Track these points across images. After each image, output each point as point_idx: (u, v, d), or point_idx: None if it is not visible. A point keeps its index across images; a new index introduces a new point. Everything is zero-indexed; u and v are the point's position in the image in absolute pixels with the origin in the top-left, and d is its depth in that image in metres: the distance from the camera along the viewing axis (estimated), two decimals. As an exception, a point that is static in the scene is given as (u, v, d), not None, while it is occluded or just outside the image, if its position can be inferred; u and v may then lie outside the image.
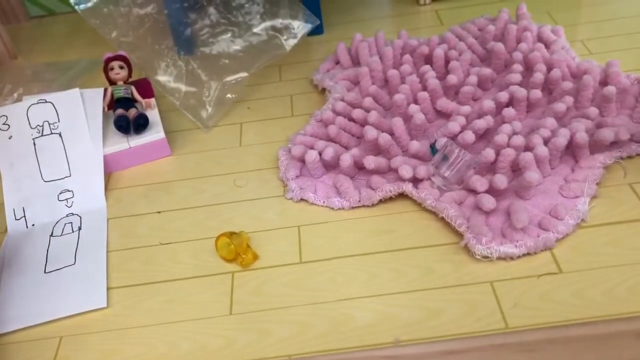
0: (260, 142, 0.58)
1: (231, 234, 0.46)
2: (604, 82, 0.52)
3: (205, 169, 0.56)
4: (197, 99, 0.62)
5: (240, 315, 0.42)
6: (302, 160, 0.52)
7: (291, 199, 0.51)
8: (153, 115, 0.59)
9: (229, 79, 0.62)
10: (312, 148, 0.52)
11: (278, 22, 0.65)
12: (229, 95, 0.62)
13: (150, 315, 0.43)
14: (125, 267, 0.47)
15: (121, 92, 0.59)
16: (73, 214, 0.53)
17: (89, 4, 0.59)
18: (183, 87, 0.62)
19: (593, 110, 0.49)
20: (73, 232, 0.51)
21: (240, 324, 0.42)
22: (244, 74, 0.63)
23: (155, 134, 0.57)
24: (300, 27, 0.65)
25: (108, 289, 0.46)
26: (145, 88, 0.62)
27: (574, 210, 0.43)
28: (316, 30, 0.70)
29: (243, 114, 0.62)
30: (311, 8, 0.67)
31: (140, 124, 0.57)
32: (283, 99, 0.64)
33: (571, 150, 0.47)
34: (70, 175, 0.55)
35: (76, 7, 0.59)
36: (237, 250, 0.46)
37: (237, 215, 0.50)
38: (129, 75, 0.61)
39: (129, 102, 0.59)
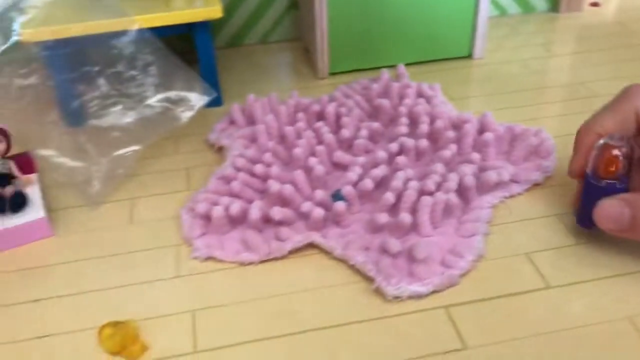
0: (153, 219, 0.54)
1: (116, 323, 0.41)
2: (481, 131, 0.57)
3: (90, 251, 0.51)
4: (84, 174, 0.57)
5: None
6: (206, 218, 0.50)
7: (197, 258, 0.49)
8: (33, 192, 0.54)
9: (120, 152, 0.59)
10: (216, 204, 0.50)
11: (173, 94, 0.63)
12: (119, 170, 0.58)
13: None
14: (-6, 367, 0.41)
15: (-2, 167, 0.54)
16: None
17: (-37, 77, 0.55)
18: (69, 162, 0.58)
19: (475, 156, 0.54)
20: None
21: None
22: (137, 147, 0.59)
23: (33, 213, 0.52)
24: (197, 99, 0.63)
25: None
26: (26, 163, 0.57)
27: (471, 248, 0.46)
28: (215, 102, 0.69)
29: (135, 189, 0.58)
30: (209, 80, 0.66)
31: (17, 203, 0.52)
32: (179, 173, 0.60)
33: (460, 192, 0.50)
34: None
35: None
36: (123, 342, 0.40)
37: (125, 302, 0.45)
38: (8, 149, 0.56)
39: (4, 179, 0.54)
